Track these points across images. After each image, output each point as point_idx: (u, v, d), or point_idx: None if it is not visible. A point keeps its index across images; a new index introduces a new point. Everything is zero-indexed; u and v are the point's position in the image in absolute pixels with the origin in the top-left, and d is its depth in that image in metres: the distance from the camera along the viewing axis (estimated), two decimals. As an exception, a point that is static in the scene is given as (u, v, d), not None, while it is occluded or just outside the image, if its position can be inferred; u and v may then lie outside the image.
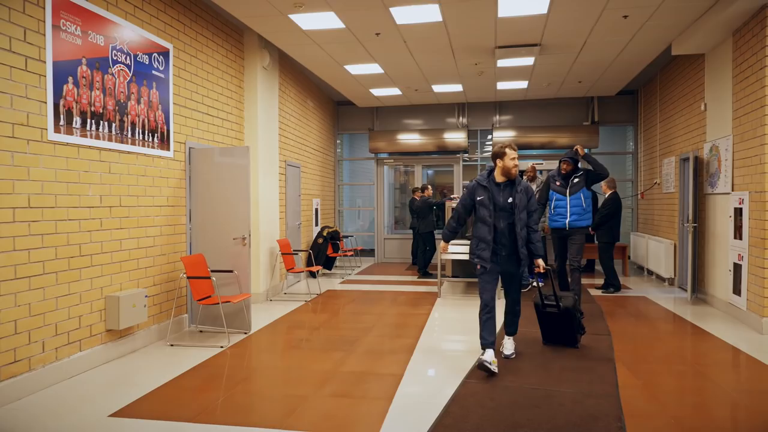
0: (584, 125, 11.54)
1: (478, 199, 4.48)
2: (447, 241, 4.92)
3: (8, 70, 3.79)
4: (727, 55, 6.69)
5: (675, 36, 7.09)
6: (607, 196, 8.49)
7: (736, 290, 6.33)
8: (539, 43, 7.36)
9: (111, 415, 3.59)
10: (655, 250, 9.34)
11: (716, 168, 7.01)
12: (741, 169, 6.28)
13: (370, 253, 12.84)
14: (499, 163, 4.47)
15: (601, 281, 8.64)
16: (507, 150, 4.42)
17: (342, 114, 12.73)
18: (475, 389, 4.04)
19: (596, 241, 8.74)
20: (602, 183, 8.69)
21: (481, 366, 4.28)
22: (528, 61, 8.22)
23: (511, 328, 4.85)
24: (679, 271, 8.57)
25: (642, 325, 6.21)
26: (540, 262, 4.56)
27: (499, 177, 4.49)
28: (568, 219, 6.29)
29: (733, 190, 6.49)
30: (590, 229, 9.11)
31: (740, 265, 6.21)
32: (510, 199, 4.40)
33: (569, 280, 6.52)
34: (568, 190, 6.30)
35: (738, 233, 6.29)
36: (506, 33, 6.94)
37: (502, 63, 8.32)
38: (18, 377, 3.87)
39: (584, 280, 9.23)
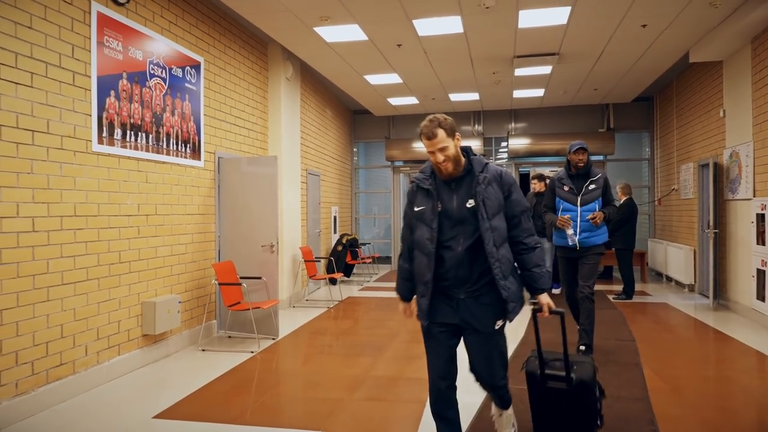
0: (600, 132, 11.62)
1: (416, 210, 2.69)
2: (404, 296, 2.88)
3: (58, 85, 3.96)
4: (746, 62, 6.76)
5: (693, 44, 7.18)
6: (621, 202, 8.57)
7: (760, 296, 6.37)
8: (557, 53, 7.47)
9: (154, 417, 3.72)
10: (675, 257, 9.37)
11: (737, 174, 7.06)
12: (763, 174, 6.33)
13: (386, 260, 12.95)
14: None
15: (619, 288, 8.68)
16: (421, 138, 2.63)
17: (358, 123, 12.89)
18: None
19: (612, 248, 8.79)
20: (618, 189, 8.79)
21: None
22: (545, 69, 8.33)
23: (502, 399, 2.94)
24: (699, 277, 8.60)
25: (665, 330, 6.27)
26: (545, 300, 2.69)
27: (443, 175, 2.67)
28: (578, 236, 4.81)
29: (754, 196, 6.55)
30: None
31: (764, 271, 6.26)
32: (470, 202, 2.60)
33: (580, 319, 4.92)
34: (579, 198, 4.83)
35: (761, 239, 6.33)
36: (525, 43, 7.06)
37: (519, 72, 8.43)
38: (64, 380, 4.02)
39: (602, 287, 9.30)
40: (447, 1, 5.58)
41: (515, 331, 6.13)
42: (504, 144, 12.34)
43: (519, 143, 11.77)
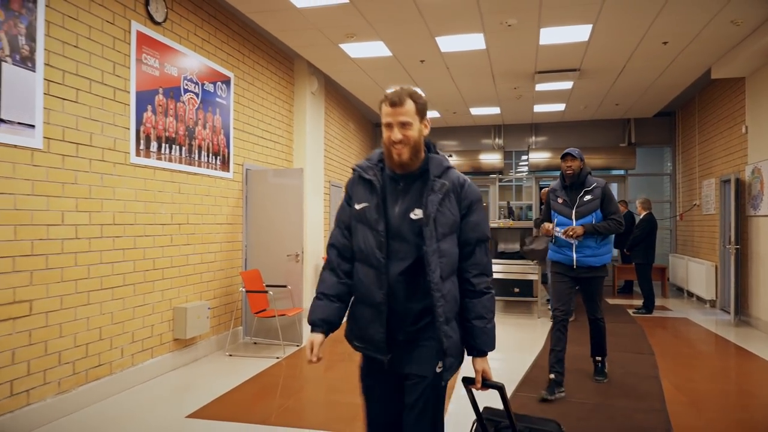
0: (621, 146, 11.64)
1: (357, 208, 2.07)
2: (315, 320, 2.09)
3: (100, 101, 4.20)
4: (768, 79, 6.80)
5: (714, 60, 7.24)
6: (641, 216, 8.59)
7: (781, 312, 6.36)
8: (578, 68, 7.58)
9: (188, 417, 3.89)
10: (696, 272, 9.34)
11: (759, 190, 7.07)
12: (783, 191, 6.35)
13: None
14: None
15: (639, 302, 8.67)
16: (383, 104, 2.00)
17: (380, 135, 13.05)
18: (525, 401, 4.22)
19: (632, 262, 8.82)
20: (637, 204, 8.82)
21: None
22: (566, 85, 8.44)
23: None
24: (720, 292, 8.57)
25: (684, 345, 6.28)
26: (480, 366, 2.04)
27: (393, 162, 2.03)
28: (575, 254, 4.31)
29: (775, 212, 6.56)
30: (625, 250, 9.22)
31: (784, 287, 6.25)
32: (416, 212, 1.97)
33: (591, 334, 4.60)
34: (574, 211, 4.33)
35: (781, 255, 6.33)
36: (546, 59, 7.19)
37: (540, 87, 8.55)
38: (102, 380, 4.22)
39: (622, 301, 9.30)
40: (470, 19, 5.75)
41: (536, 341, 6.20)
42: (524, 158, 12.43)
43: (539, 157, 11.84)
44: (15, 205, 3.54)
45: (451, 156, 2.03)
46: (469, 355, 2.07)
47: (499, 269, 8.05)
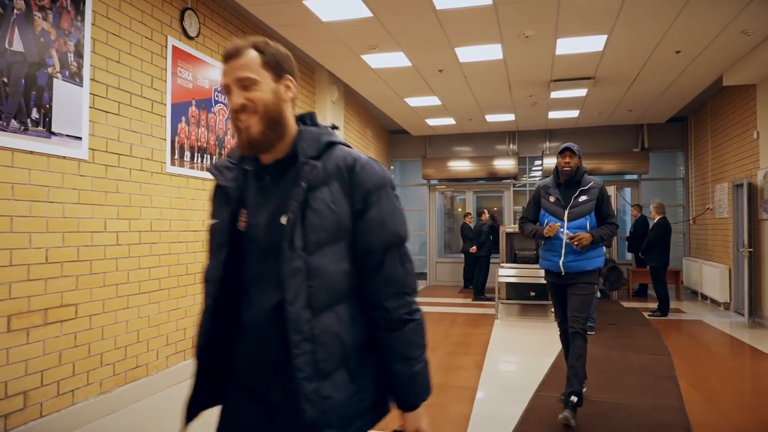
0: (634, 151, 11.76)
1: (210, 225, 1.49)
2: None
3: (140, 113, 4.42)
4: (780, 86, 6.92)
5: (726, 68, 7.37)
6: (655, 221, 8.70)
7: (795, 315, 6.46)
8: (593, 77, 7.74)
9: (224, 415, 4.08)
10: (710, 275, 9.43)
11: (771, 195, 7.18)
12: (797, 196, 6.46)
13: (421, 276, 13.22)
14: None
15: (654, 305, 8.78)
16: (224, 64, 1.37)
17: (395, 142, 13.27)
18: (548, 401, 4.36)
19: (646, 266, 8.94)
20: (651, 208, 8.93)
21: None
22: (581, 92, 8.59)
23: None
24: (734, 295, 8.66)
25: (700, 346, 6.40)
26: (412, 426, 1.42)
27: (242, 143, 1.39)
28: (562, 258, 3.86)
29: (789, 217, 6.67)
30: (639, 254, 9.32)
31: (799, 290, 6.35)
32: (284, 217, 1.32)
33: (570, 348, 3.92)
34: (567, 212, 3.91)
35: (796, 259, 6.44)
36: (562, 68, 7.35)
37: (555, 94, 8.71)
38: (139, 381, 4.41)
39: (637, 304, 9.40)
40: (489, 31, 5.92)
41: (554, 344, 6.34)
42: (538, 163, 12.57)
43: (553, 162, 11.94)
44: (63, 213, 3.74)
45: (336, 128, 1.49)
46: (398, 408, 1.45)
47: (515, 273, 8.20)
